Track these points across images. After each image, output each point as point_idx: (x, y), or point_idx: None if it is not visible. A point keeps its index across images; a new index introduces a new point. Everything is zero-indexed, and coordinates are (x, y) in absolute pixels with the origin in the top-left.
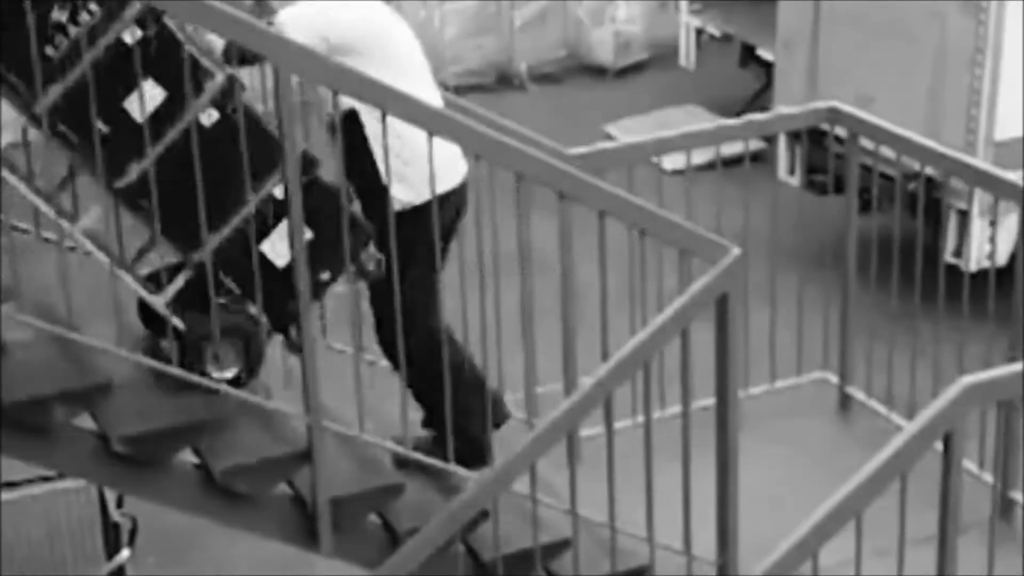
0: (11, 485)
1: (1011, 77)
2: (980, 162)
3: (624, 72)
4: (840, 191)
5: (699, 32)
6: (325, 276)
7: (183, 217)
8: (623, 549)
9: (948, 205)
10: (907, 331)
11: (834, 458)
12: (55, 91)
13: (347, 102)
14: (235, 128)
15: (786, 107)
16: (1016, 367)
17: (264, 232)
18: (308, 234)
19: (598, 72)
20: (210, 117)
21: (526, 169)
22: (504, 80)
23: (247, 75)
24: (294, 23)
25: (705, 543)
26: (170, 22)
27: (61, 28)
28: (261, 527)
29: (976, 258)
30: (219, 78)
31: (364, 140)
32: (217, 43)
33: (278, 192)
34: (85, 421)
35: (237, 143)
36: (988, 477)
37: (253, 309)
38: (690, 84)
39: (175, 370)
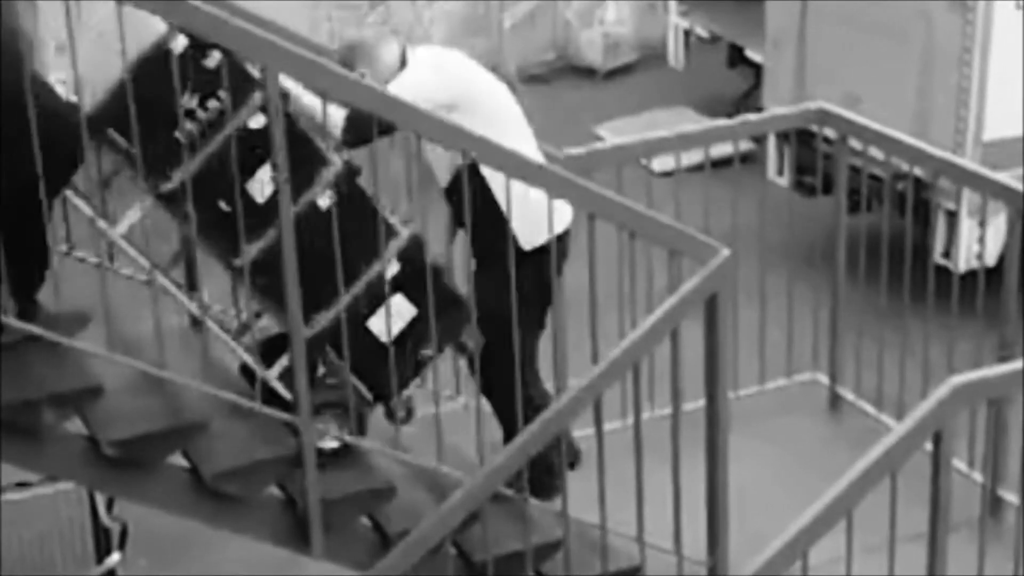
0: (0, 489)
1: (999, 77)
2: (968, 162)
3: (613, 73)
4: (829, 192)
5: (687, 33)
6: (427, 352)
7: (314, 282)
8: (614, 550)
9: (936, 205)
10: (896, 331)
11: (824, 458)
12: (182, 173)
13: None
14: (349, 210)
15: (775, 108)
16: (1005, 367)
17: (371, 309)
18: (411, 310)
19: (587, 73)
20: (327, 200)
21: (515, 170)
22: None
23: None
24: (403, 87)
25: (695, 543)
26: (291, 108)
27: (190, 113)
28: (252, 529)
29: (965, 258)
30: (337, 163)
31: (485, 189)
32: (336, 115)
33: (388, 270)
34: (75, 424)
35: (350, 224)
36: (978, 476)
37: (355, 381)
38: (679, 85)
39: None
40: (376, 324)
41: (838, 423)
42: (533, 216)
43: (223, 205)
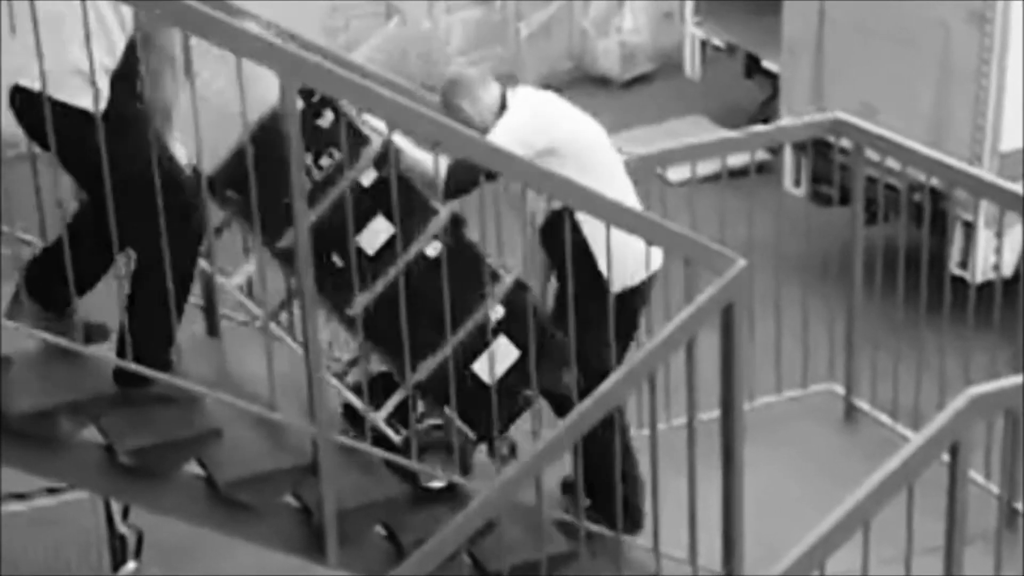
0: (18, 497)
1: (1016, 87)
2: (985, 173)
3: (629, 83)
4: (845, 202)
5: (704, 43)
6: (529, 393)
7: (423, 326)
8: (628, 559)
9: (953, 216)
10: (912, 342)
11: (840, 468)
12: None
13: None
14: (454, 258)
15: (791, 118)
16: (1022, 377)
17: (476, 352)
18: (515, 352)
19: (603, 83)
20: (435, 249)
21: (531, 181)
22: None
23: None
24: (504, 132)
25: (711, 553)
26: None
27: (305, 172)
28: (266, 538)
29: (981, 269)
30: (443, 214)
31: (576, 231)
32: (427, 165)
33: (493, 315)
34: (91, 433)
35: (457, 271)
36: (994, 487)
37: (459, 422)
38: (695, 95)
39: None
40: (481, 366)
41: (854, 434)
42: (623, 259)
43: (336, 259)
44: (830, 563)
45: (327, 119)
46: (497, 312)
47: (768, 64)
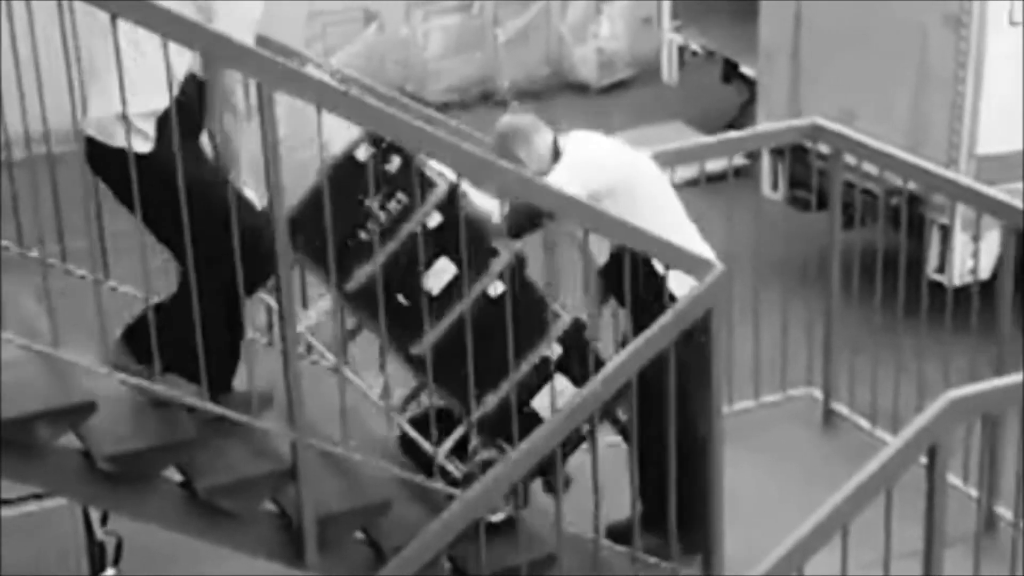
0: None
1: (993, 92)
2: (962, 177)
3: (607, 89)
4: (823, 207)
5: (681, 49)
6: (584, 429)
7: (465, 377)
8: (608, 563)
9: (931, 220)
10: (891, 346)
11: (819, 473)
12: (365, 271)
13: None
14: (515, 298)
15: (769, 123)
16: (1000, 381)
17: (533, 389)
18: (572, 389)
19: (581, 89)
20: (496, 289)
21: (509, 186)
22: (487, 97)
23: None
24: (562, 176)
25: (691, 558)
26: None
27: (371, 215)
28: (246, 544)
29: (959, 273)
30: (504, 255)
31: (646, 263)
32: (489, 208)
33: (552, 354)
34: (69, 439)
35: (518, 311)
36: (973, 491)
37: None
38: (673, 101)
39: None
40: (539, 402)
41: (832, 438)
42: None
43: (401, 299)
44: (809, 567)
45: (394, 164)
46: (555, 350)
47: (746, 69)
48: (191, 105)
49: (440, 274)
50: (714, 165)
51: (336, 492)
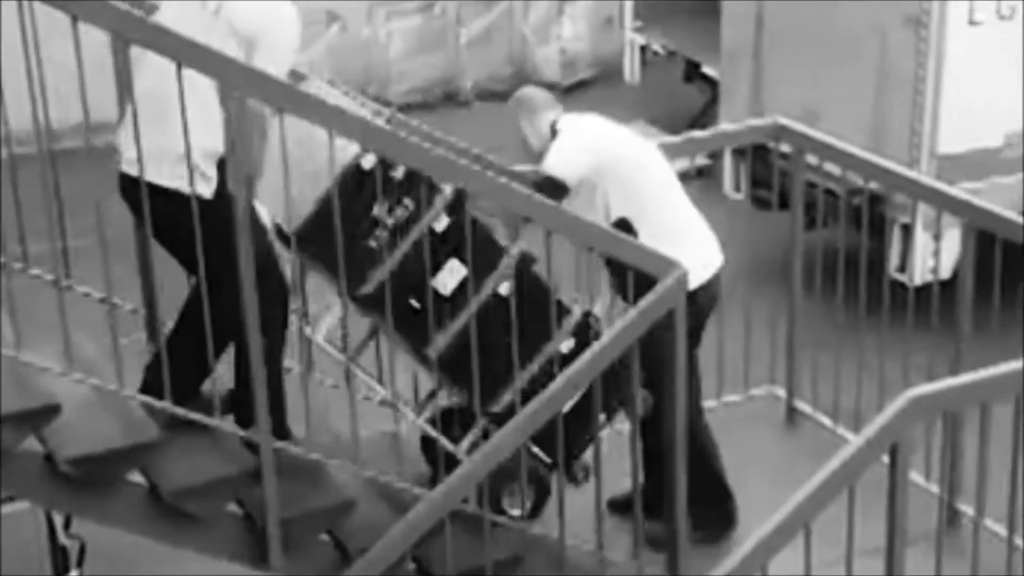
0: None
1: (953, 92)
2: (923, 176)
3: (570, 89)
4: (785, 206)
5: (643, 49)
6: (600, 419)
7: (481, 374)
8: (573, 562)
9: (892, 219)
10: (852, 345)
11: (782, 471)
12: (376, 276)
13: (618, 212)
14: (525, 295)
15: (731, 123)
16: (960, 379)
17: (549, 383)
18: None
19: (544, 89)
20: (506, 288)
21: (473, 187)
22: (450, 98)
23: None
24: (554, 158)
25: (655, 555)
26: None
27: (379, 222)
28: (211, 547)
29: (920, 272)
30: (514, 252)
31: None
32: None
33: (563, 348)
34: (31, 443)
35: (528, 308)
36: (935, 488)
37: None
38: (636, 101)
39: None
40: None
41: (795, 436)
42: (683, 260)
43: (413, 301)
44: (772, 565)
45: (399, 171)
46: (568, 343)
47: (708, 69)
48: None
49: (450, 275)
50: (676, 165)
51: (300, 494)
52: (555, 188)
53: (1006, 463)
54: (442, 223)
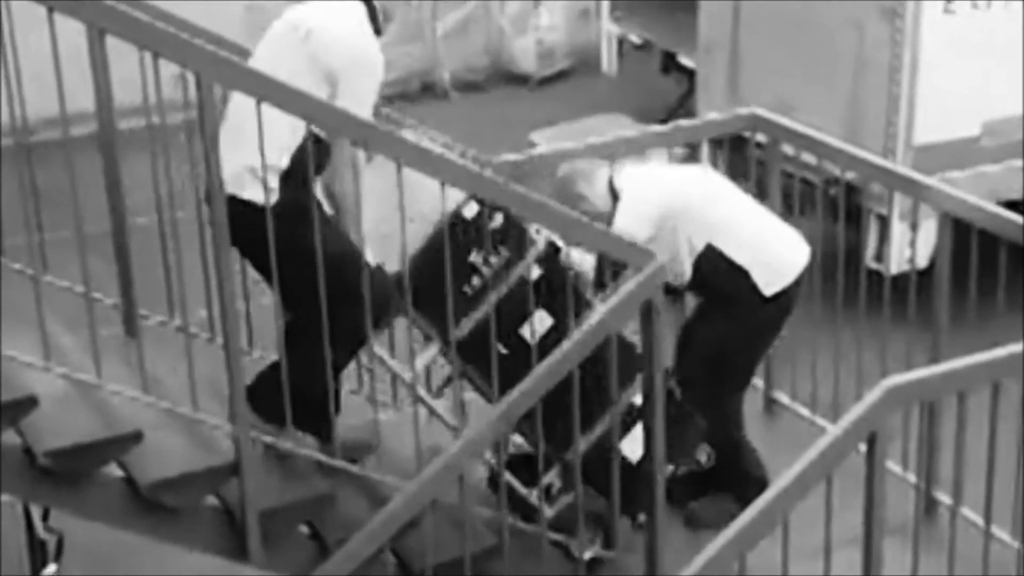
0: None
1: (929, 82)
2: (899, 166)
3: (547, 80)
4: (762, 197)
5: (620, 40)
6: (667, 470)
7: (557, 421)
8: (551, 555)
9: (868, 209)
10: (830, 335)
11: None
12: (468, 323)
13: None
14: (607, 350)
15: (709, 114)
16: (937, 368)
17: (623, 433)
18: None
19: (521, 80)
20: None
21: (449, 177)
22: (427, 88)
23: None
24: (625, 217)
25: (636, 544)
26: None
27: (476, 270)
28: (189, 540)
29: (896, 262)
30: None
31: (724, 260)
32: (588, 262)
33: (636, 399)
34: (9, 436)
35: (608, 363)
36: (912, 478)
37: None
38: (613, 92)
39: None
40: (627, 446)
41: (773, 426)
42: (772, 263)
43: (500, 347)
44: (750, 556)
45: (497, 220)
46: (638, 399)
47: (685, 60)
48: (308, 161)
49: (539, 324)
50: (653, 156)
51: (279, 486)
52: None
53: (983, 452)
54: (534, 273)
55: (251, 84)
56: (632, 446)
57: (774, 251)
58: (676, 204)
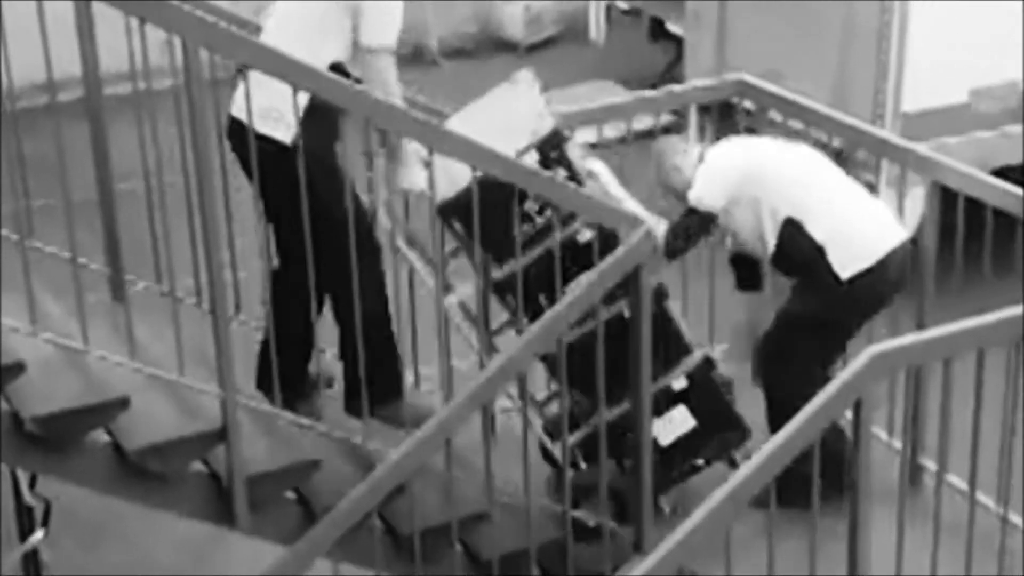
0: None
1: (917, 49)
2: (886, 132)
3: (535, 47)
4: None
5: (608, 7)
6: (698, 463)
7: (594, 385)
8: (539, 522)
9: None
10: None
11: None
12: (511, 266)
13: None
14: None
15: (696, 80)
16: (923, 335)
17: (656, 413)
18: (691, 423)
19: (509, 47)
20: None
21: (437, 143)
22: (416, 55)
23: None
24: (695, 191)
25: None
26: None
27: (530, 218)
28: (177, 505)
29: None
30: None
31: (805, 237)
32: (659, 229)
33: (676, 385)
34: None
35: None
36: (897, 444)
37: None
38: (600, 58)
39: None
40: (657, 427)
41: (759, 398)
42: (852, 244)
43: (543, 300)
44: (737, 523)
45: (558, 175)
46: (680, 383)
47: (673, 27)
48: (331, 105)
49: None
50: (641, 123)
51: (266, 452)
52: (702, 220)
53: (969, 419)
54: (585, 236)
55: (238, 49)
56: (664, 428)
57: (856, 231)
58: (755, 174)
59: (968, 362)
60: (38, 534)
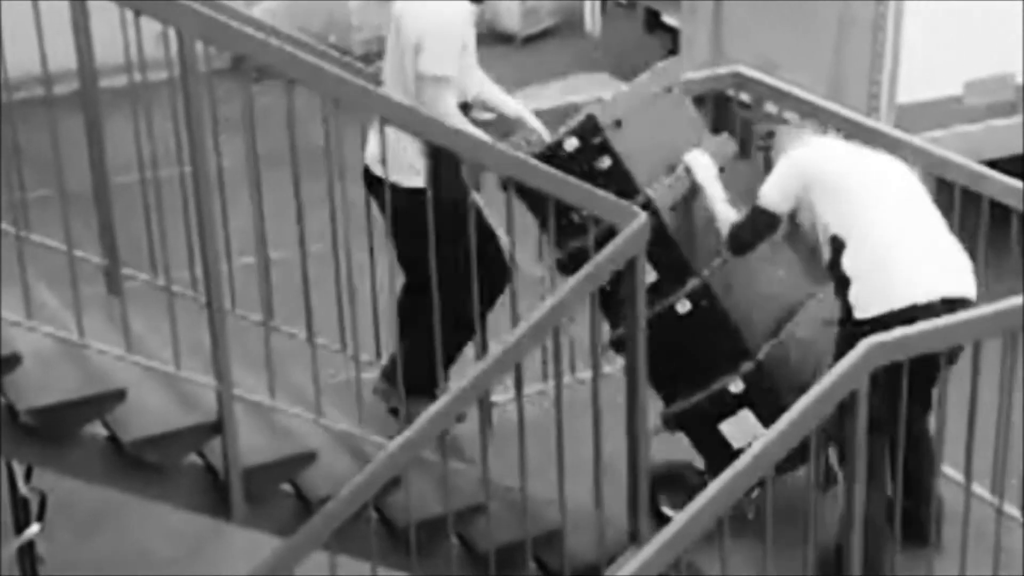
0: None
1: (913, 40)
2: (882, 124)
3: (531, 39)
4: (745, 155)
5: None
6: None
7: (670, 372)
8: (535, 513)
9: None
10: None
11: None
12: (571, 245)
13: (833, 228)
14: (703, 322)
15: (692, 72)
16: (919, 327)
17: (726, 414)
18: (760, 429)
19: (505, 39)
20: (684, 307)
21: (432, 135)
22: None
23: None
24: (770, 181)
25: (618, 506)
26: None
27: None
28: (172, 497)
29: None
30: (700, 279)
31: (840, 255)
32: (729, 215)
33: (733, 388)
34: None
35: (701, 335)
36: None
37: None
38: (596, 51)
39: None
40: (728, 428)
41: None
42: (879, 283)
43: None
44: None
45: (605, 163)
46: (737, 386)
47: (668, 19)
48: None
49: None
50: None
51: (262, 444)
52: (766, 223)
53: (965, 410)
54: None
55: (234, 42)
56: (734, 430)
57: (892, 271)
58: (813, 175)
59: (965, 353)
60: (34, 527)
